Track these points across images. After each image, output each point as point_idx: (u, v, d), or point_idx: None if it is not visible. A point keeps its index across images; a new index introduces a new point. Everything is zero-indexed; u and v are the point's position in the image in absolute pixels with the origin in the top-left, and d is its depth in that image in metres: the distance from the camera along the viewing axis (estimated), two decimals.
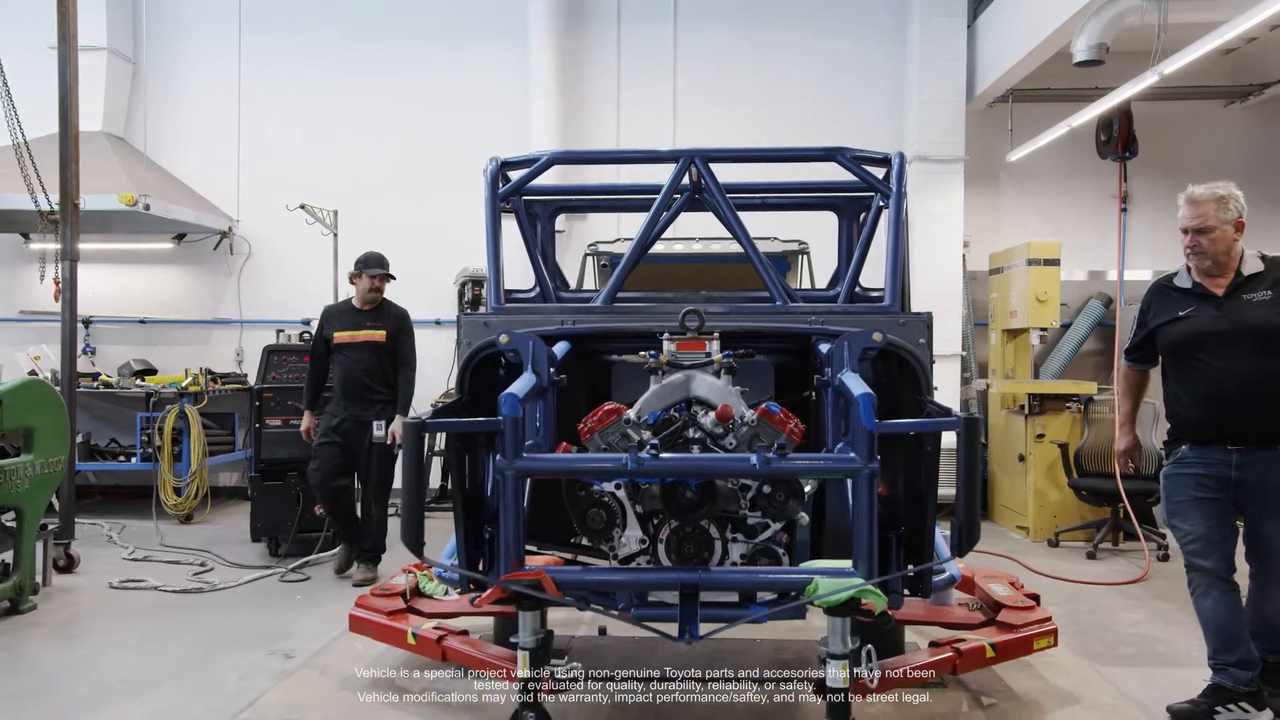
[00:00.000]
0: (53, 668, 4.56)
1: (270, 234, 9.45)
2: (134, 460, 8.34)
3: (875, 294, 4.83)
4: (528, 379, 3.29)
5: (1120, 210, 9.26)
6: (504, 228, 4.29)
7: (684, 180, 4.17)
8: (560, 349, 3.68)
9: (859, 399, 2.94)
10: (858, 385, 3.08)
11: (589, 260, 6.59)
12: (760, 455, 2.92)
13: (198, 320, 9.62)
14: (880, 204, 4.29)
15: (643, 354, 3.56)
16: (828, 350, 3.52)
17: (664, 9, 9.33)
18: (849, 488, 3.09)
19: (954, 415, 3.11)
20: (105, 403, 9.13)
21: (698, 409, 3.34)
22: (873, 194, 4.36)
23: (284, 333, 8.58)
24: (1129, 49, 6.98)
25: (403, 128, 9.45)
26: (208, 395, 8.36)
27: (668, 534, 3.15)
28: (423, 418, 3.08)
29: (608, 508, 3.18)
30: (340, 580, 6.13)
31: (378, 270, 6.18)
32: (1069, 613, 5.44)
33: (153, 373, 8.91)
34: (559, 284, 5.30)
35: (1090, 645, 4.91)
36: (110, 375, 8.73)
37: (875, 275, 4.57)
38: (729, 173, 4.38)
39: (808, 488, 3.19)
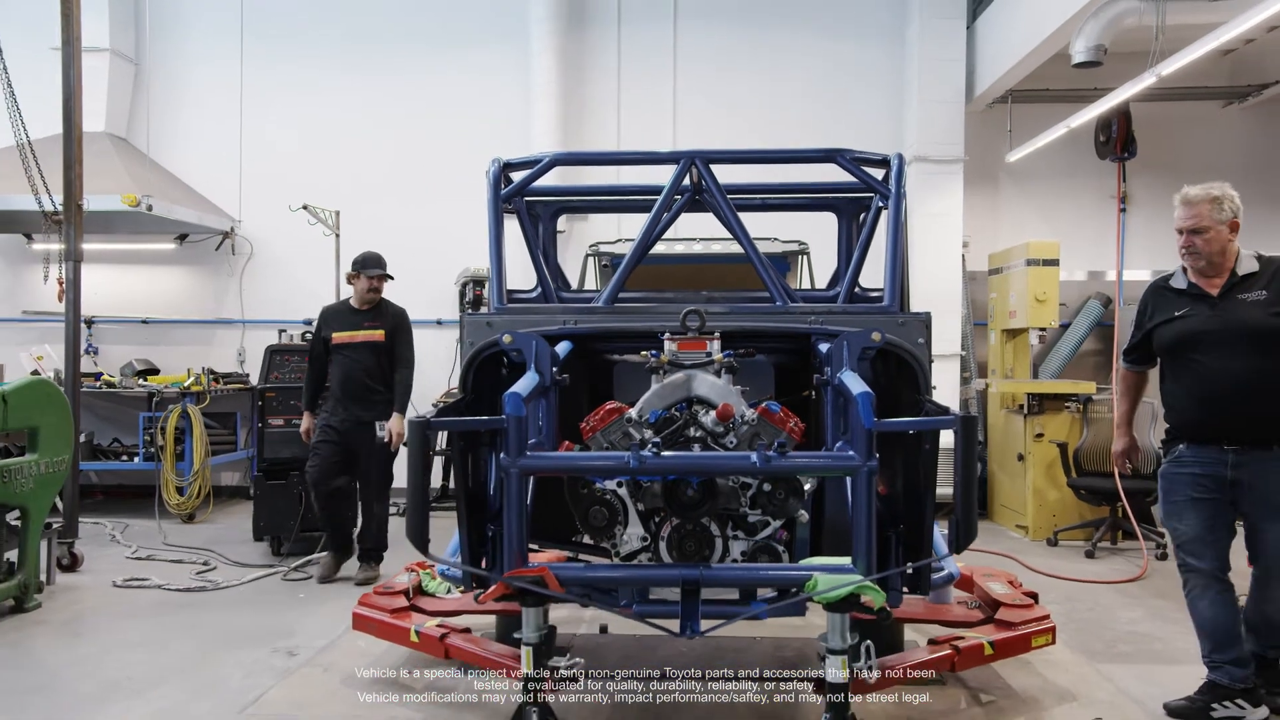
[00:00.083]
0: (58, 665, 4.58)
1: (272, 234, 9.48)
2: (136, 460, 8.36)
3: (874, 294, 4.85)
4: (531, 378, 3.31)
5: (1119, 210, 9.28)
6: (506, 228, 4.31)
7: (685, 181, 4.18)
8: (562, 349, 3.70)
9: (858, 398, 2.96)
10: (857, 384, 3.10)
11: (590, 260, 6.61)
12: (760, 453, 2.94)
13: (200, 320, 9.65)
14: (879, 205, 4.31)
15: (644, 354, 3.57)
16: (827, 350, 3.54)
17: (664, 10, 9.35)
18: (848, 485, 3.12)
19: (951, 414, 3.13)
20: (108, 402, 9.16)
21: (699, 408, 3.36)
22: (872, 195, 4.38)
23: (286, 333, 8.62)
24: (1127, 50, 6.99)
25: (403, 129, 9.47)
26: (210, 395, 8.39)
27: (669, 531, 3.17)
28: (427, 417, 3.09)
29: (610, 505, 3.19)
30: (341, 579, 6.12)
31: (376, 271, 6.17)
32: (1068, 611, 5.46)
33: (155, 373, 8.94)
34: (560, 284, 5.32)
35: (1088, 643, 4.93)
36: (113, 375, 8.77)
37: (875, 276, 4.59)
38: (729, 173, 4.40)
39: (807, 486, 3.21)
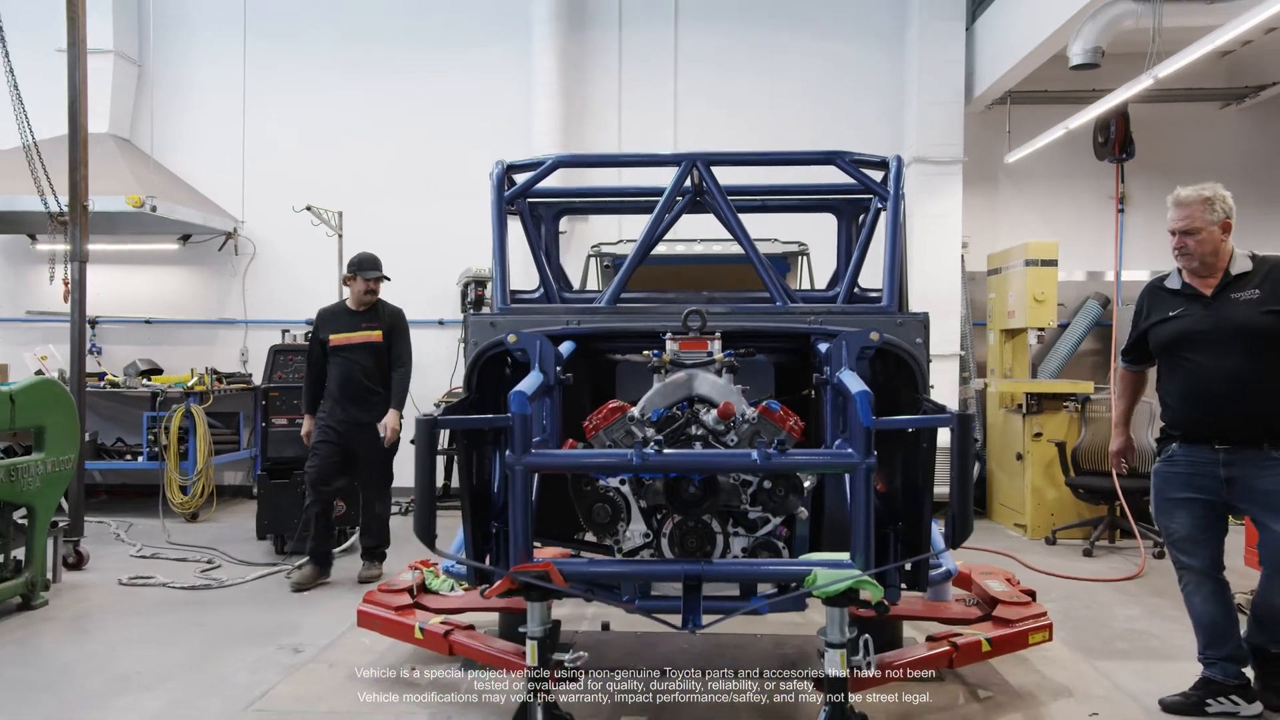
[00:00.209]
0: (66, 661, 4.63)
1: (274, 235, 9.52)
2: (140, 459, 8.41)
3: (874, 294, 4.89)
4: (535, 377, 3.34)
5: (1117, 211, 9.32)
6: (509, 229, 4.35)
7: (686, 183, 4.21)
8: (566, 348, 3.73)
9: (856, 396, 3.00)
10: (855, 383, 3.14)
11: (592, 261, 6.65)
12: (761, 451, 2.97)
13: (203, 320, 9.70)
14: (878, 206, 4.35)
15: (646, 353, 3.60)
16: (826, 349, 3.57)
17: (665, 11, 9.39)
18: (847, 482, 3.17)
19: (948, 412, 3.17)
20: (111, 402, 9.20)
21: (700, 407, 3.38)
22: (871, 196, 4.41)
23: (289, 333, 8.67)
24: (1125, 51, 7.02)
25: (405, 128, 9.51)
26: (213, 395, 8.43)
27: (671, 528, 3.20)
28: (434, 415, 3.13)
29: (612, 502, 3.23)
30: (344, 578, 6.14)
31: (373, 273, 6.15)
32: (1065, 609, 5.50)
33: (158, 372, 8.98)
34: (562, 285, 5.36)
35: (1086, 640, 4.97)
36: (116, 375, 8.81)
37: (874, 276, 4.63)
38: (730, 175, 4.44)
39: (807, 483, 3.25)
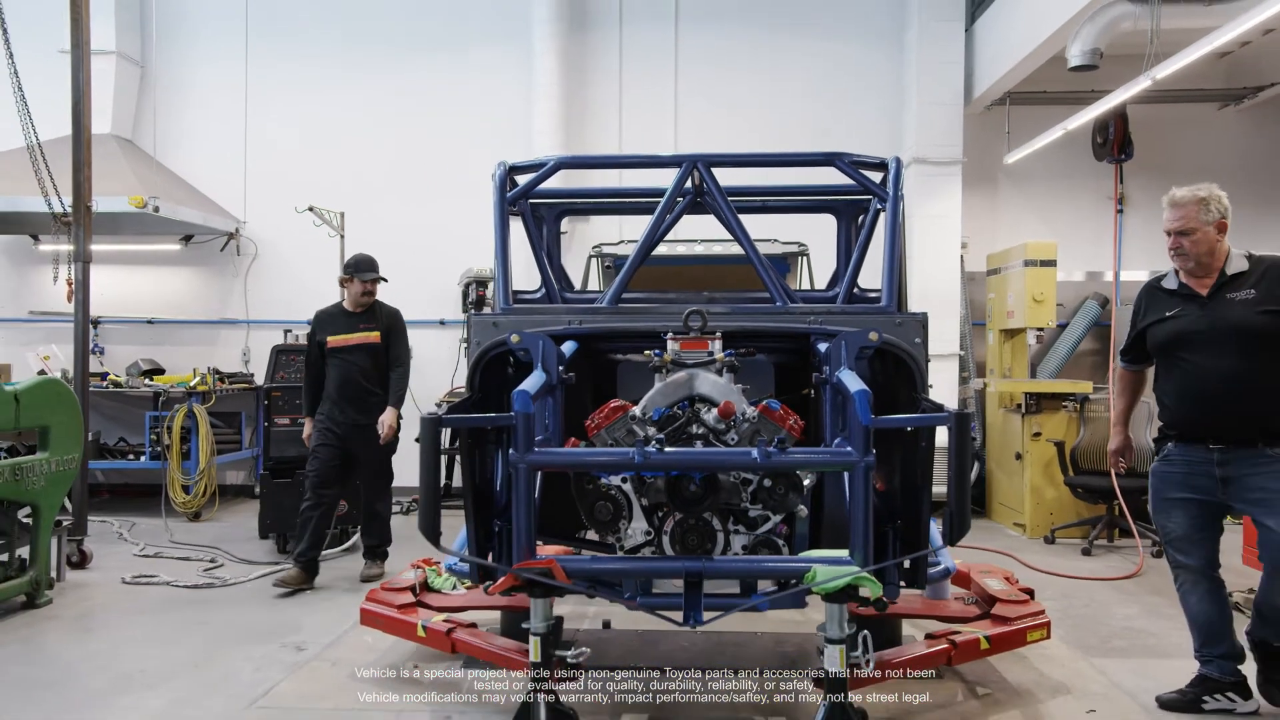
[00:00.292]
0: (70, 660, 4.65)
1: (276, 235, 9.56)
2: (143, 459, 8.43)
3: (873, 295, 4.92)
4: (538, 377, 3.37)
5: (1116, 212, 9.34)
6: (511, 230, 4.38)
7: (687, 184, 4.23)
8: (568, 348, 3.76)
9: (855, 395, 3.03)
10: (854, 382, 3.16)
11: (593, 261, 6.69)
12: (761, 449, 3.00)
13: (204, 320, 9.73)
14: (878, 207, 4.38)
15: (647, 353, 3.63)
16: (826, 349, 3.60)
17: (665, 12, 9.43)
18: (846, 481, 3.20)
19: (946, 411, 3.20)
20: (114, 402, 9.23)
21: (701, 406, 3.41)
22: (870, 197, 4.45)
23: (292, 333, 8.69)
24: (1124, 52, 7.04)
25: (406, 129, 9.55)
26: (215, 395, 8.47)
27: (672, 526, 3.23)
28: (439, 413, 3.16)
29: (614, 500, 3.26)
30: (346, 577, 6.19)
31: (370, 275, 6.12)
32: (1064, 607, 5.53)
33: (160, 372, 9.02)
34: (564, 285, 5.39)
35: (1084, 638, 5.00)
36: (119, 375, 8.84)
37: (873, 276, 4.66)
38: (730, 176, 4.47)
39: (806, 481, 3.28)
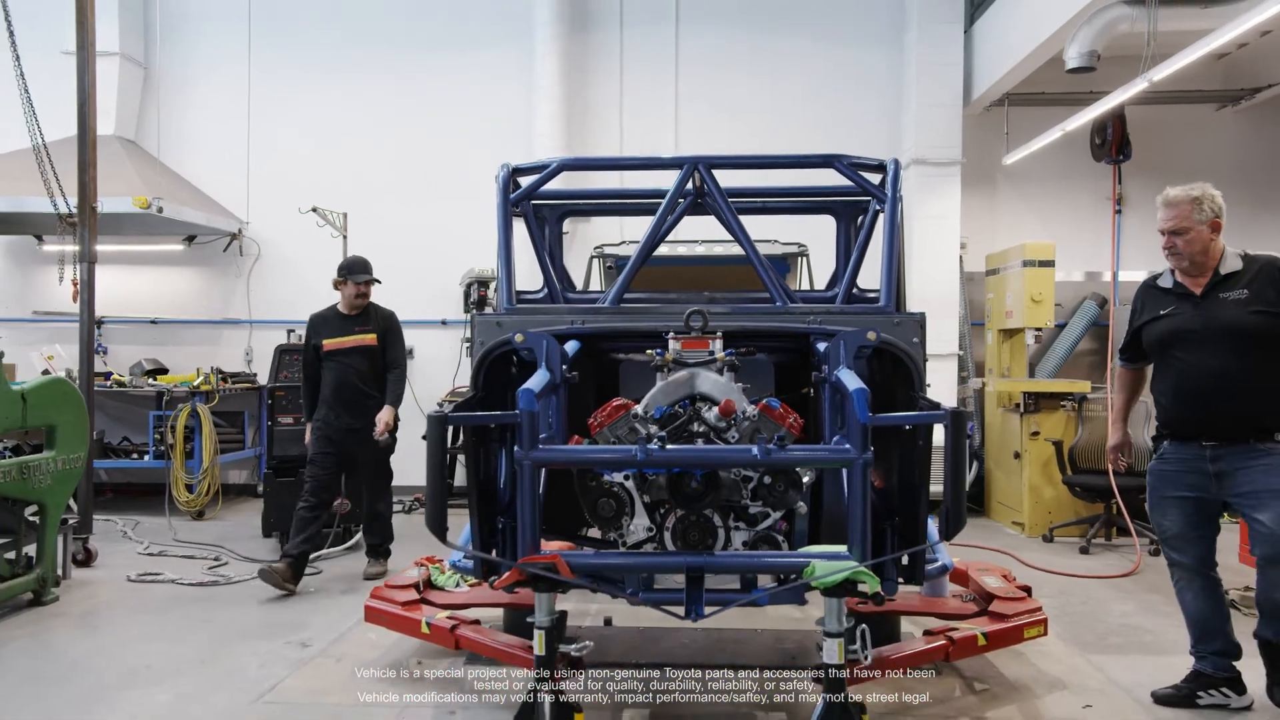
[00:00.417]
0: (78, 655, 4.70)
1: (278, 235, 9.61)
2: (146, 458, 8.48)
3: (872, 295, 4.96)
4: (542, 375, 3.41)
5: (1115, 212, 9.38)
6: (513, 230, 4.42)
7: (688, 185, 4.27)
8: (571, 347, 3.80)
9: (854, 394, 3.06)
10: (853, 381, 3.20)
11: (595, 262, 6.73)
12: (761, 447, 3.03)
13: (207, 320, 9.78)
14: (876, 208, 4.42)
15: (649, 352, 3.66)
16: (825, 348, 3.64)
17: (666, 14, 9.48)
18: (845, 478, 3.24)
19: (943, 409, 3.24)
20: (117, 401, 9.29)
21: (702, 404, 3.44)
22: (869, 199, 4.49)
23: (294, 333, 8.75)
24: (1122, 53, 7.07)
25: (408, 130, 9.59)
26: (218, 394, 8.52)
27: (673, 522, 3.27)
28: (445, 411, 3.20)
29: (617, 497, 3.29)
30: (349, 575, 6.25)
31: (364, 277, 6.14)
32: (1061, 605, 5.58)
33: (164, 372, 9.07)
34: (566, 285, 5.43)
35: (1080, 635, 5.05)
36: (122, 375, 8.89)
37: (873, 277, 4.71)
38: (731, 178, 4.51)
39: (806, 478, 3.32)
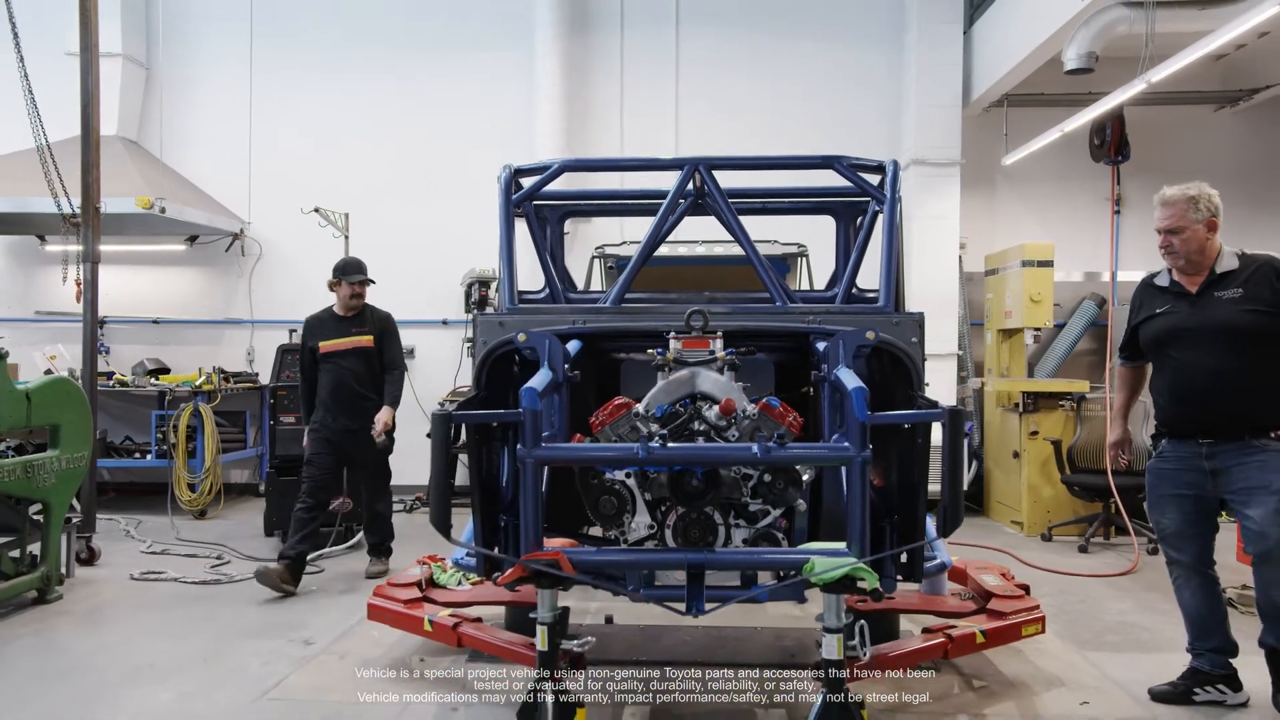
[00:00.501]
0: (83, 653, 4.73)
1: (279, 236, 9.64)
2: (149, 457, 8.52)
3: (871, 295, 4.99)
4: (545, 374, 3.44)
5: (1113, 212, 9.40)
6: (515, 231, 4.45)
7: (688, 186, 4.30)
8: (573, 347, 3.83)
9: (852, 392, 3.09)
10: (852, 380, 3.23)
11: (596, 262, 6.76)
12: (761, 445, 3.05)
13: (209, 320, 9.81)
14: (875, 209, 4.45)
15: (650, 352, 3.69)
16: (824, 348, 3.67)
17: (666, 15, 9.51)
18: (843, 475, 3.27)
19: (940, 407, 3.27)
20: (119, 401, 9.32)
21: (702, 403, 3.47)
22: (869, 199, 4.52)
23: (296, 333, 8.74)
24: (1120, 55, 7.08)
25: (409, 130, 9.62)
26: (220, 394, 8.55)
27: (674, 520, 3.29)
28: (450, 410, 3.24)
29: (619, 495, 3.32)
30: (351, 573, 6.28)
31: (358, 277, 6.12)
32: (1059, 603, 5.61)
33: (166, 372, 9.10)
34: (567, 285, 5.46)
35: (1078, 633, 5.08)
36: (124, 374, 8.92)
37: (872, 277, 4.74)
38: (731, 179, 4.54)
39: (805, 476, 3.35)
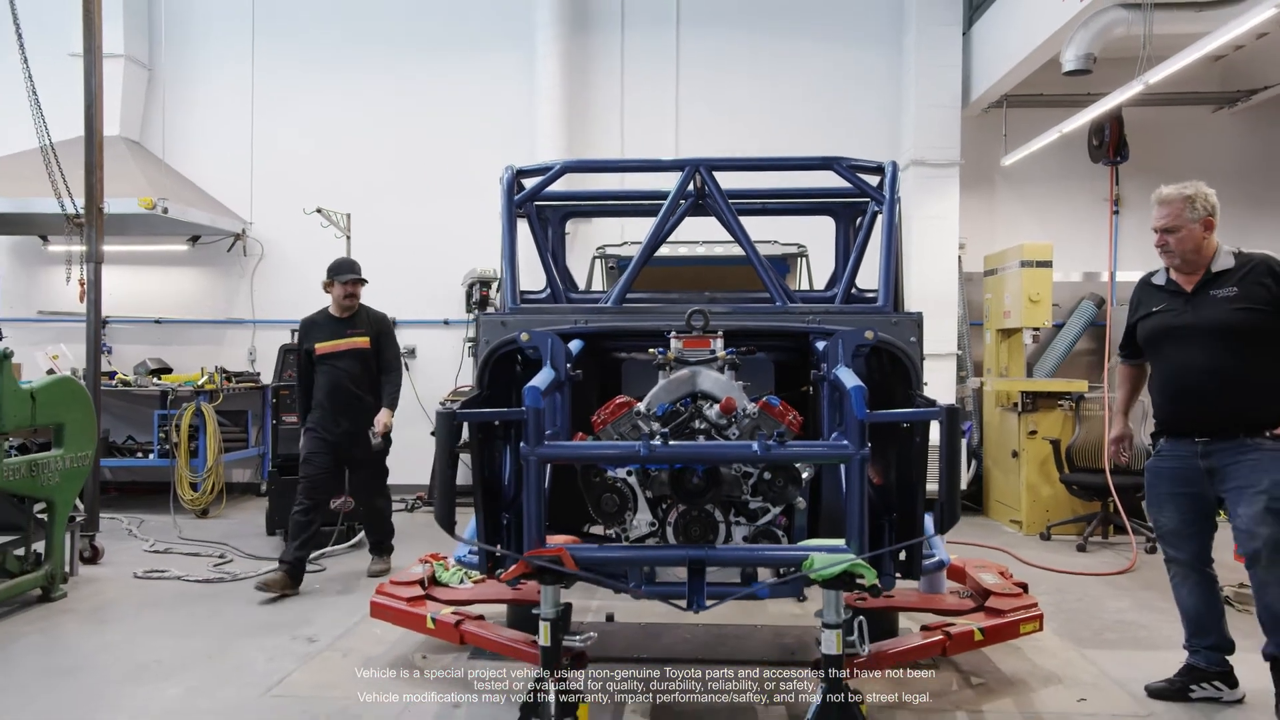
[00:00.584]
0: (87, 650, 4.76)
1: (281, 236, 9.68)
2: (151, 457, 8.56)
3: (871, 295, 5.02)
4: (547, 373, 3.46)
5: (1112, 213, 9.43)
6: (517, 231, 4.48)
7: (689, 187, 4.32)
8: (575, 346, 3.85)
9: (851, 391, 3.12)
10: (851, 379, 3.26)
11: (597, 262, 6.79)
12: (761, 443, 3.08)
13: (211, 320, 9.85)
14: (875, 210, 4.48)
15: (651, 351, 3.72)
16: (824, 347, 3.70)
17: (666, 15, 9.54)
18: (843, 473, 3.31)
19: (938, 406, 3.31)
20: (122, 401, 9.35)
21: (703, 402, 3.48)
22: (868, 200, 4.55)
23: (298, 332, 8.78)
24: (1119, 56, 7.12)
25: (410, 131, 9.65)
26: (222, 393, 8.58)
27: (675, 517, 3.32)
28: (453, 409, 3.27)
29: (620, 493, 3.34)
30: (353, 572, 6.31)
31: (351, 276, 6.12)
32: (1058, 601, 5.65)
33: (168, 371, 9.13)
34: (569, 285, 5.49)
35: (1076, 630, 5.11)
36: (127, 374, 8.95)
37: (871, 277, 4.76)
38: (731, 179, 4.57)
39: (805, 474, 3.37)
